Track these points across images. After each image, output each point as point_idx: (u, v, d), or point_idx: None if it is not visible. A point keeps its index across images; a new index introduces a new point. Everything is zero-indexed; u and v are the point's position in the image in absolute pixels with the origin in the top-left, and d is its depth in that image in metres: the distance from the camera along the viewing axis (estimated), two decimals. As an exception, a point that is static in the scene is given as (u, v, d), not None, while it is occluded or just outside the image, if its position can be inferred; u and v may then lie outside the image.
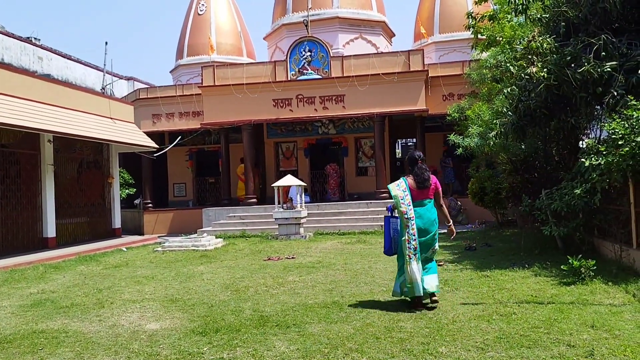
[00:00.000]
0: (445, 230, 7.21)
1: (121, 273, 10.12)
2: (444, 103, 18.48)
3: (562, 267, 7.44)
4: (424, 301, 6.43)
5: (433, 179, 6.64)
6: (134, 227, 21.02)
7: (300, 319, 6.06)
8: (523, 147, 11.33)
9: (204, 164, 22.35)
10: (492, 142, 10.68)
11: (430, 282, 6.43)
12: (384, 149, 19.05)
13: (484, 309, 6.23)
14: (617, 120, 7.59)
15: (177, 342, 5.39)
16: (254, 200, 18.90)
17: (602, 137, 9.93)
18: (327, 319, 6.05)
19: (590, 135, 12.08)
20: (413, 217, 6.40)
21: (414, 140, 25.92)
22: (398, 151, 27.48)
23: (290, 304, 6.81)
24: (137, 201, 21.85)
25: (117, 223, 18.51)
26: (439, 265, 9.15)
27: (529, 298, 6.60)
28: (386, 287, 7.63)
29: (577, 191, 7.99)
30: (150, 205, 21.03)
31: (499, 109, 11.77)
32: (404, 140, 27.87)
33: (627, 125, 7.43)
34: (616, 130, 7.43)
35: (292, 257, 11.10)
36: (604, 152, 7.54)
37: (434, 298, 6.48)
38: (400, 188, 6.54)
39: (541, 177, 10.74)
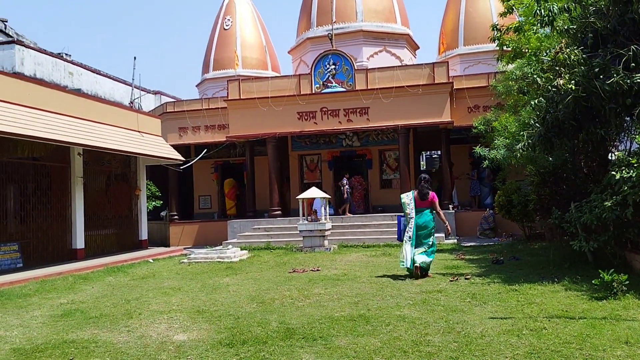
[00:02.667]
0: (474, 243, 7.98)
1: (148, 284, 10.24)
2: (469, 115, 18.37)
3: (593, 281, 7.28)
4: (415, 273, 9.37)
5: (431, 194, 9.71)
6: (160, 239, 21.27)
7: (326, 332, 6.05)
8: (551, 159, 11.19)
9: (230, 176, 22.54)
10: (519, 154, 10.56)
11: (419, 258, 9.41)
12: (409, 161, 18.98)
13: (514, 323, 6.13)
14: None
15: (205, 353, 5.42)
16: (279, 212, 18.98)
17: (632, 149, 9.76)
18: (354, 332, 6.03)
19: (619, 148, 11.88)
20: (413, 217, 9.64)
21: (439, 152, 25.81)
22: (422, 163, 27.33)
23: (316, 317, 6.80)
24: (163, 213, 22.13)
25: (144, 235, 18.75)
26: (466, 279, 9.17)
27: (560, 313, 6.47)
28: (413, 301, 7.57)
29: (608, 204, 7.84)
30: (176, 217, 21.28)
31: (526, 121, 11.67)
32: (428, 152, 27.73)
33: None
34: (647, 142, 7.29)
35: (317, 270, 11.09)
36: (635, 165, 7.39)
37: (425, 273, 9.54)
38: (408, 197, 9.86)
39: (570, 190, 10.57)
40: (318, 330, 6.16)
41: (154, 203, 20.60)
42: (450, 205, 18.30)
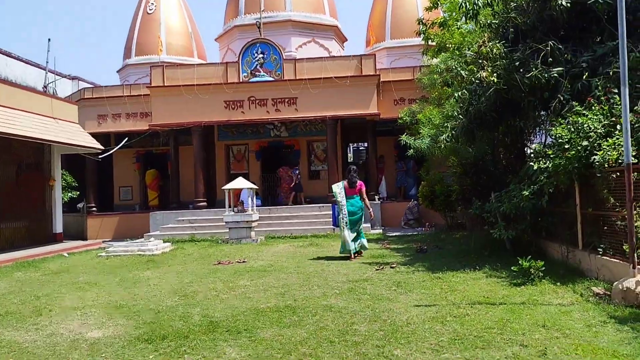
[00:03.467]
0: (399, 233, 8.33)
1: (61, 279, 9.62)
2: (395, 107, 18.61)
3: (512, 268, 7.54)
4: (353, 258, 10.54)
5: (359, 183, 10.98)
6: (77, 232, 20.15)
7: (251, 324, 5.87)
8: (472, 150, 11.50)
9: (152, 166, 21.68)
10: (442, 145, 10.79)
11: (358, 243, 10.82)
12: (337, 152, 19.02)
13: (438, 310, 6.21)
14: (563, 125, 7.77)
15: (121, 350, 5.10)
16: (204, 203, 18.49)
17: (546, 142, 10.20)
18: (280, 323, 5.89)
19: (534, 141, 12.42)
20: (344, 204, 10.81)
21: (365, 144, 26.11)
22: (350, 155, 27.52)
23: (241, 309, 6.60)
24: (80, 205, 20.96)
25: (58, 228, 17.69)
26: (391, 267, 9.27)
27: (481, 299, 6.63)
28: (339, 290, 7.53)
29: (526, 193, 8.14)
30: (94, 209, 20.23)
31: (449, 113, 11.94)
32: (355, 144, 27.96)
33: (572, 130, 7.62)
34: (562, 135, 7.60)
35: (243, 261, 10.86)
36: (552, 156, 7.70)
37: (358, 255, 10.80)
38: (338, 187, 11.01)
39: (490, 181, 10.93)
40: (243, 322, 5.96)
41: (70, 194, 19.44)
42: (376, 197, 18.53)
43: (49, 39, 21.50)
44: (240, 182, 15.21)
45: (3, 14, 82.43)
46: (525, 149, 12.52)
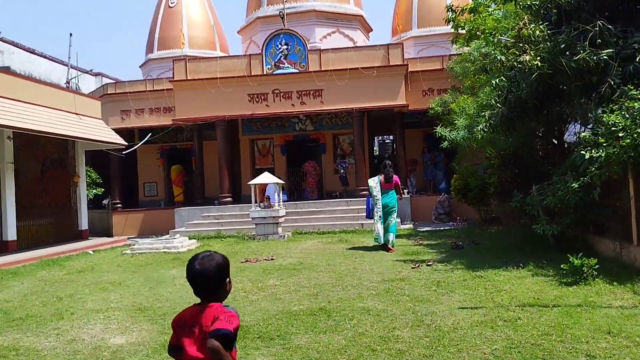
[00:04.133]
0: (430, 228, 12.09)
1: (85, 279, 9.34)
2: (424, 99, 18.04)
3: (562, 266, 6.97)
4: (387, 247, 10.97)
5: (395, 177, 11.28)
6: (103, 229, 20.06)
7: (284, 329, 5.45)
8: (510, 141, 10.89)
9: (177, 162, 21.46)
10: (479, 136, 10.20)
11: (387, 237, 11.02)
12: (363, 145, 18.52)
13: (485, 313, 5.71)
14: (617, 111, 7.16)
15: (145, 359, 4.72)
16: (230, 199, 18.17)
17: (594, 130, 9.53)
18: (315, 328, 5.45)
19: (572, 131, 11.75)
20: (380, 198, 11.12)
21: (392, 137, 25.52)
22: (375, 148, 26.97)
23: (272, 312, 6.19)
24: (105, 201, 20.87)
25: (84, 225, 17.57)
26: (427, 265, 8.80)
27: (531, 301, 6.10)
28: (375, 291, 7.07)
29: (574, 185, 7.54)
30: (119, 205, 20.10)
31: (485, 102, 11.35)
32: (381, 137, 27.41)
33: (627, 116, 7.01)
34: (616, 121, 6.99)
35: (272, 259, 10.46)
36: (604, 144, 7.09)
37: (390, 248, 10.90)
38: (374, 182, 11.30)
39: (530, 172, 10.30)
40: (275, 327, 5.55)
41: (94, 191, 19.33)
42: (405, 190, 17.97)
43: (71, 34, 21.66)
44: (266, 177, 14.83)
45: (27, 11, 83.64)
46: (565, 139, 11.89)
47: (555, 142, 11.94)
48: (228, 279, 2.55)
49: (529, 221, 10.86)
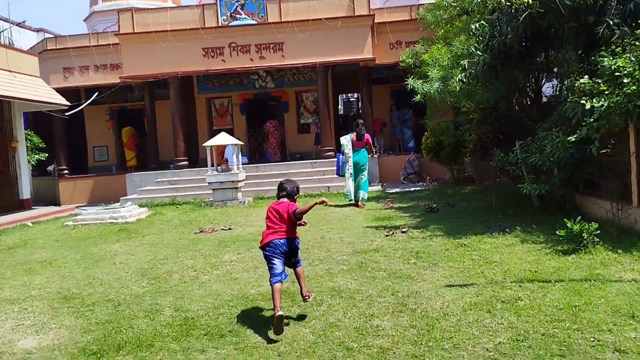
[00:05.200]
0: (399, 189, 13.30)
1: (13, 257, 8.10)
2: (392, 52, 16.94)
3: (558, 232, 6.13)
4: (357, 203, 11.23)
5: (367, 136, 11.27)
6: (49, 198, 18.54)
7: (238, 321, 4.44)
8: (488, 94, 9.94)
9: (128, 124, 19.88)
10: (458, 87, 9.22)
11: (359, 195, 11.23)
12: (328, 103, 17.36)
13: (478, 292, 4.83)
14: (623, 55, 6.24)
15: (56, 372, 3.66)
16: (185, 162, 16.87)
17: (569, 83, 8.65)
18: (276, 318, 4.46)
19: (552, 83, 10.89)
20: (351, 156, 11.18)
21: (356, 95, 24.43)
22: (340, 107, 25.82)
23: (226, 297, 5.17)
24: (50, 168, 19.24)
25: (25, 193, 16.06)
26: (402, 232, 7.92)
27: (528, 275, 5.25)
28: (347, 265, 6.12)
29: (571, 138, 6.66)
30: (66, 171, 18.53)
31: (461, 52, 10.35)
32: (345, 96, 26.27)
33: (633, 60, 6.11)
34: (623, 66, 6.08)
35: (229, 228, 9.40)
36: (607, 92, 6.19)
37: (360, 204, 11.16)
38: (346, 140, 11.30)
39: (514, 128, 9.42)
40: (227, 318, 4.54)
41: (37, 156, 17.66)
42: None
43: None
44: (223, 138, 13.59)
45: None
46: (542, 91, 11.05)
47: (532, 95, 11.12)
48: None
49: (509, 181, 10.08)
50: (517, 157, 8.36)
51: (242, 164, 14.61)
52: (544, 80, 10.62)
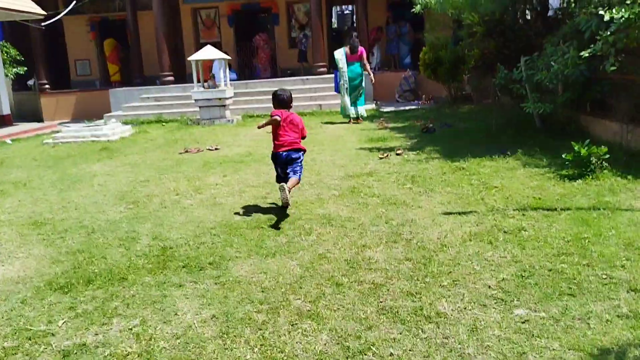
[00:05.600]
0: (394, 108, 13.12)
1: (-13, 178, 7.69)
2: (390, -41, 15.78)
3: (564, 156, 5.74)
4: (357, 118, 11.21)
5: (361, 48, 11.02)
6: (32, 113, 17.83)
7: (219, 252, 4.11)
8: (494, 4, 9.20)
9: (110, 35, 18.81)
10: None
11: (357, 110, 11.17)
12: (321, 15, 16.37)
13: (478, 221, 4.50)
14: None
15: (15, 310, 3.33)
16: (171, 78, 16.11)
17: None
18: (261, 249, 4.14)
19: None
20: (345, 70, 10.97)
21: (351, 7, 23.17)
22: (333, 20, 24.60)
23: (208, 224, 4.82)
24: (30, 82, 18.42)
25: (4, 109, 15.44)
26: (397, 154, 7.54)
27: (532, 202, 4.90)
28: (338, 190, 5.76)
29: (585, 54, 6.11)
30: (47, 86, 17.72)
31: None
32: (339, 8, 24.94)
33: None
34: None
35: (216, 148, 8.96)
36: (628, 2, 5.58)
37: (358, 120, 11.18)
38: (340, 53, 11.01)
39: (519, 43, 8.77)
40: (208, 248, 4.21)
41: (15, 69, 16.80)
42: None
43: None
44: (209, 52, 12.79)
45: None
46: (549, 3, 10.31)
47: (538, 8, 10.40)
48: None
49: (510, 100, 9.58)
50: (522, 74, 7.84)
51: (231, 80, 13.92)
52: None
